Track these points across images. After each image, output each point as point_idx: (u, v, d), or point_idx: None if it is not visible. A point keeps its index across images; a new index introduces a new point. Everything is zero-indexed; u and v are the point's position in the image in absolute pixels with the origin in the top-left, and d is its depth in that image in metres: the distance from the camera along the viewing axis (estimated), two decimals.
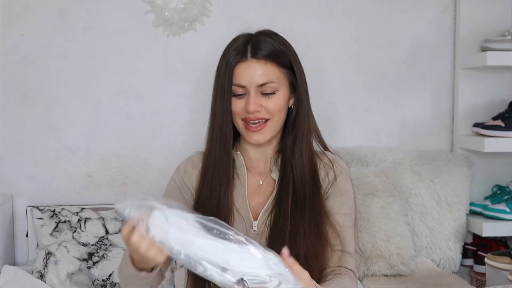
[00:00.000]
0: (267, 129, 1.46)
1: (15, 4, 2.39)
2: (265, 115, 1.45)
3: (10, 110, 2.41)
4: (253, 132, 1.46)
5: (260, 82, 1.44)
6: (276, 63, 1.46)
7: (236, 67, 1.45)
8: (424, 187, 2.46)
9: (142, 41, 2.46)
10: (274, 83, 1.45)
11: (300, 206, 1.45)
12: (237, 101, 1.46)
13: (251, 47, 1.45)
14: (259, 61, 1.45)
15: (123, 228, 1.20)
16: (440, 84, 2.62)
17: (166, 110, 2.49)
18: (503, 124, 2.37)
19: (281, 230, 1.44)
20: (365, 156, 2.49)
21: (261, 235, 1.46)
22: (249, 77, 1.44)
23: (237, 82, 1.45)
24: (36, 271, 2.14)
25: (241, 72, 1.44)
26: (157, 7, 2.42)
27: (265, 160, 1.54)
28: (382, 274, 2.24)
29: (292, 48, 1.50)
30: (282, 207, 1.46)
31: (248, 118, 1.45)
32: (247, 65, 1.45)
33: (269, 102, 1.45)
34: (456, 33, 2.59)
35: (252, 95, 1.44)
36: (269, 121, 1.46)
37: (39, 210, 2.27)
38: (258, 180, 1.53)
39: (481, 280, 2.47)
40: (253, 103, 1.43)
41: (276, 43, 1.47)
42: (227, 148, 1.49)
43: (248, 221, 1.48)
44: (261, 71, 1.44)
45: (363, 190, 2.30)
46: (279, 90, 1.47)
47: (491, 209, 2.44)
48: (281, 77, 1.47)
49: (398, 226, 2.28)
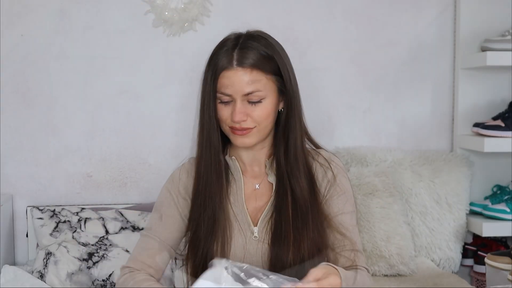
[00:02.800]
0: (253, 133, 1.44)
1: (15, 4, 2.39)
2: (251, 124, 1.42)
3: (10, 110, 2.41)
4: (239, 135, 1.44)
5: (246, 91, 1.40)
6: (262, 70, 1.42)
7: (222, 75, 1.41)
8: (424, 187, 2.46)
9: (142, 41, 2.46)
10: (261, 92, 1.42)
11: (301, 210, 1.44)
12: (223, 108, 1.43)
13: (237, 55, 1.41)
14: (245, 70, 1.40)
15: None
16: (440, 84, 2.63)
17: (166, 110, 2.49)
18: (503, 124, 2.37)
19: (284, 235, 1.42)
20: (365, 156, 2.49)
21: (262, 241, 1.45)
22: (235, 86, 1.40)
23: (222, 91, 1.42)
24: (36, 271, 2.14)
25: (227, 81, 1.41)
26: (157, 7, 2.42)
27: (258, 163, 1.52)
28: (382, 274, 2.24)
29: (281, 52, 1.46)
30: (282, 211, 1.45)
31: (234, 127, 1.42)
32: (233, 73, 1.40)
33: (256, 111, 1.42)
34: (456, 33, 2.59)
35: (237, 105, 1.41)
36: (255, 128, 1.43)
37: (39, 210, 2.27)
38: (254, 184, 1.51)
39: (481, 280, 2.47)
40: (238, 113, 1.40)
41: (263, 48, 1.42)
42: (217, 153, 1.47)
43: (248, 227, 1.47)
44: (248, 79, 1.40)
45: (363, 190, 2.30)
46: (266, 98, 1.43)
47: (491, 209, 2.44)
48: (268, 84, 1.43)
49: (398, 226, 2.28)
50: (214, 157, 1.47)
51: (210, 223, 1.45)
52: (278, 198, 1.47)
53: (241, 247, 1.45)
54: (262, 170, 1.52)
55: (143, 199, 2.48)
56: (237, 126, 1.42)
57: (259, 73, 1.41)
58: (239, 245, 1.45)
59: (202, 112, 1.46)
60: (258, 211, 1.49)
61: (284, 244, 1.42)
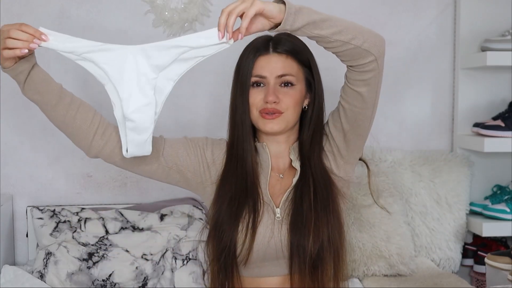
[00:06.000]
0: (281, 119, 1.52)
1: (15, 4, 2.39)
2: (281, 108, 1.51)
3: (10, 110, 2.41)
4: (268, 120, 1.51)
5: (280, 73, 1.51)
6: (295, 59, 1.54)
7: (258, 60, 1.52)
8: (424, 187, 2.46)
9: (142, 41, 2.43)
10: (293, 76, 1.53)
11: (321, 196, 1.50)
12: (255, 92, 1.52)
13: (272, 43, 1.53)
14: (280, 55, 1.52)
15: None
16: (440, 84, 2.62)
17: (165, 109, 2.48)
18: (503, 124, 2.37)
19: (302, 217, 1.48)
20: (365, 156, 2.48)
21: (282, 222, 1.50)
22: (270, 68, 1.51)
23: (258, 73, 1.52)
24: (36, 271, 2.14)
25: (263, 63, 1.52)
26: (157, 7, 2.42)
27: (283, 157, 1.59)
28: (382, 274, 2.24)
29: (310, 51, 1.57)
30: (303, 195, 1.51)
31: (266, 109, 1.50)
32: (269, 57, 1.52)
33: (286, 95, 1.51)
34: (456, 33, 2.59)
35: (271, 86, 1.51)
36: (283, 114, 1.51)
37: (39, 210, 2.27)
38: (278, 175, 1.59)
39: (481, 280, 2.47)
40: (272, 93, 1.49)
41: (296, 42, 1.54)
42: (249, 137, 1.55)
43: (271, 208, 1.52)
44: (282, 64, 1.52)
45: (363, 190, 2.30)
46: (297, 85, 1.54)
47: (491, 209, 2.44)
48: (299, 74, 1.55)
49: (398, 226, 2.28)
50: (249, 139, 1.55)
51: (237, 203, 1.51)
52: (300, 183, 1.54)
53: (266, 226, 1.50)
54: (286, 165, 1.59)
55: (143, 199, 2.48)
56: (269, 107, 1.50)
57: (292, 60, 1.53)
58: (264, 224, 1.50)
59: (234, 100, 1.55)
60: (279, 194, 1.55)
61: (301, 223, 1.48)
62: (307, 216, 1.48)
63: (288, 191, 1.54)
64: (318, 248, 1.46)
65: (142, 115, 1.45)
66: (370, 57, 1.41)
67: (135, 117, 1.44)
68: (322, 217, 1.48)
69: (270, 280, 1.52)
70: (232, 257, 1.48)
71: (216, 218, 1.52)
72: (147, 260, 2.15)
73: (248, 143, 1.55)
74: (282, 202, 1.53)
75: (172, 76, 1.49)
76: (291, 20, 1.30)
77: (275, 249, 1.49)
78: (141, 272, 2.13)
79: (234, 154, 1.56)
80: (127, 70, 1.45)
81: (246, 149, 1.55)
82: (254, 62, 1.52)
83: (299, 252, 1.46)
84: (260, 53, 1.52)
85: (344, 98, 1.52)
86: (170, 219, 2.25)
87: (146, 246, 2.16)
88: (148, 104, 1.46)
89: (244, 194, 1.51)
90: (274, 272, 1.51)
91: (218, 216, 1.52)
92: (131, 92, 1.45)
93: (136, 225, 2.25)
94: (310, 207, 1.48)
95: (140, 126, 1.45)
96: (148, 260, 2.15)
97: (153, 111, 1.47)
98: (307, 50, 1.57)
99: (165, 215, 2.27)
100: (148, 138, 1.47)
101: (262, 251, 1.49)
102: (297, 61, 1.54)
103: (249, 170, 1.54)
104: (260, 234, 1.48)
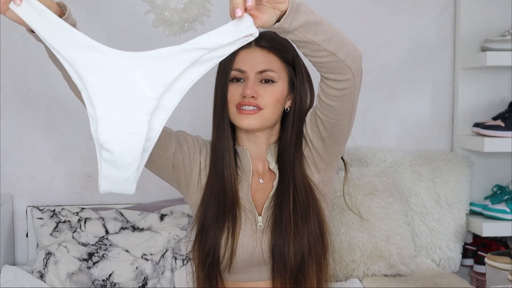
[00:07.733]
0: (260, 115, 1.45)
1: None
2: (259, 103, 1.44)
3: (10, 110, 2.41)
4: (245, 115, 1.45)
5: (260, 69, 1.45)
6: (278, 56, 1.47)
7: (239, 53, 1.44)
8: (424, 187, 2.46)
9: (142, 41, 2.46)
10: (274, 73, 1.46)
11: (301, 203, 1.46)
12: (234, 88, 1.46)
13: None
14: (262, 49, 1.46)
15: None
16: (440, 84, 2.62)
17: None
18: (503, 124, 2.37)
19: (285, 225, 1.45)
20: (365, 156, 2.49)
21: (264, 231, 1.47)
22: (251, 62, 1.45)
23: (237, 67, 1.45)
24: (36, 271, 2.14)
25: (243, 57, 1.45)
26: (157, 7, 2.42)
27: (262, 160, 1.54)
28: (382, 274, 2.24)
29: (295, 49, 1.49)
30: (283, 204, 1.47)
31: (243, 103, 1.44)
32: (250, 51, 1.46)
33: (266, 92, 1.45)
34: (456, 33, 2.59)
35: (250, 80, 1.44)
36: (262, 110, 1.45)
37: (39, 210, 2.26)
38: (258, 179, 1.54)
39: (481, 280, 2.47)
40: (250, 87, 1.43)
41: (281, 38, 1.44)
42: (227, 135, 1.49)
43: (253, 216, 1.49)
44: (263, 59, 1.45)
45: (363, 190, 2.30)
46: (278, 82, 1.47)
47: (491, 209, 2.44)
48: (282, 71, 1.48)
49: (398, 226, 2.28)
50: (227, 139, 1.49)
51: (220, 210, 1.47)
52: (280, 190, 1.49)
53: (249, 236, 1.47)
54: (265, 168, 1.54)
55: (143, 199, 2.48)
56: (246, 101, 1.43)
57: (274, 56, 1.46)
58: (247, 234, 1.47)
59: (216, 95, 1.49)
60: (262, 201, 1.51)
61: (283, 231, 1.44)
62: (286, 225, 1.44)
63: (270, 197, 1.50)
64: (300, 257, 1.43)
65: (124, 146, 1.08)
66: (348, 74, 1.35)
67: (112, 148, 1.09)
68: (302, 226, 1.44)
69: (254, 285, 1.50)
70: (216, 263, 1.45)
71: (201, 222, 1.49)
72: (147, 260, 2.15)
73: (226, 141, 1.48)
74: (264, 209, 1.49)
75: (180, 87, 1.16)
76: (291, 18, 1.24)
77: (258, 258, 1.46)
78: (141, 272, 2.13)
79: (218, 155, 1.50)
80: (114, 81, 1.09)
81: (224, 148, 1.48)
82: (235, 56, 1.43)
83: (280, 261, 1.43)
84: (241, 47, 1.43)
85: (319, 109, 1.42)
86: (170, 219, 2.25)
87: (146, 246, 2.16)
88: (136, 133, 1.09)
89: (223, 196, 1.47)
90: (258, 277, 1.49)
91: (204, 220, 1.49)
92: (112, 113, 1.09)
93: (136, 225, 2.25)
94: (290, 217, 1.44)
95: (119, 160, 1.09)
96: (148, 260, 2.15)
97: (141, 142, 1.09)
98: (292, 48, 1.48)
99: (165, 215, 2.27)
100: (130, 176, 1.10)
101: (247, 261, 1.46)
102: (280, 58, 1.47)
103: (227, 171, 1.48)
104: (243, 245, 1.45)
